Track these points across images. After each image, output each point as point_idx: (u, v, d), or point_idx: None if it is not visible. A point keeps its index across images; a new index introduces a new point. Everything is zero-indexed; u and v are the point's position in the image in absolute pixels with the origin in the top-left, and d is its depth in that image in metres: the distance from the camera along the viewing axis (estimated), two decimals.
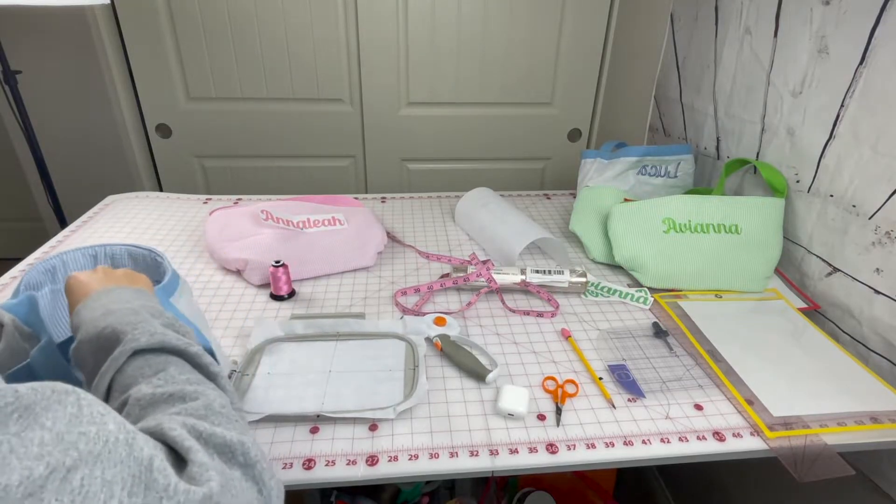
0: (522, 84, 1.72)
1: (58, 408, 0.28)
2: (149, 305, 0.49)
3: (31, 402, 0.27)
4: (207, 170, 1.77)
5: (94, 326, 0.45)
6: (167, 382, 0.40)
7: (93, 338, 0.44)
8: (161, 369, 0.42)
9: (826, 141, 0.88)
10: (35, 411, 0.27)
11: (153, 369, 0.41)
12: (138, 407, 0.38)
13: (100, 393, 0.41)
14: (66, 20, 1.50)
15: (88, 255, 0.68)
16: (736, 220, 0.97)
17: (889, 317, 0.77)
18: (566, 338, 0.83)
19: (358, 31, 1.58)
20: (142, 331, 0.43)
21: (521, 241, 1.02)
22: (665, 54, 1.37)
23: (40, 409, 0.28)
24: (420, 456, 0.62)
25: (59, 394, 0.29)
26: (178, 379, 0.41)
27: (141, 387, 0.40)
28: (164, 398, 0.39)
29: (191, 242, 1.09)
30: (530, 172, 1.90)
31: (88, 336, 0.44)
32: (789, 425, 0.67)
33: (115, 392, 0.41)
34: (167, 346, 0.44)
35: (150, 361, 0.42)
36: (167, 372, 0.41)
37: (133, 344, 0.42)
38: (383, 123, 1.73)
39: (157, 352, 0.43)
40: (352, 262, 1.00)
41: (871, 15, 0.78)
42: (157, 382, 0.40)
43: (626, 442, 0.65)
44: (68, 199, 1.60)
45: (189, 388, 0.40)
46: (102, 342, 0.44)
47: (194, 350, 0.44)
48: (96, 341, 0.44)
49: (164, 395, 0.39)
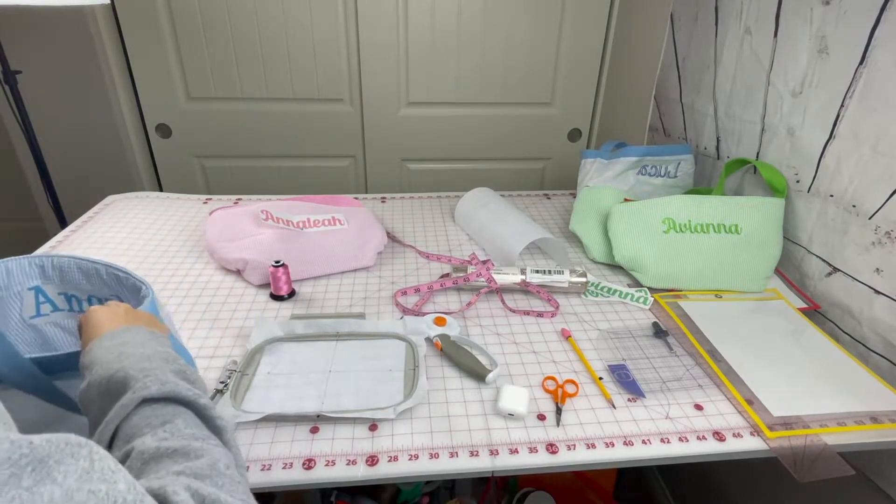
0: (522, 84, 1.72)
1: (70, 461, 0.28)
2: (162, 351, 0.48)
3: (46, 455, 0.27)
4: (207, 170, 1.77)
5: (106, 369, 0.45)
6: (173, 436, 0.40)
7: (103, 380, 0.44)
8: (168, 421, 0.41)
9: (826, 141, 0.88)
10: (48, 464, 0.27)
11: (160, 420, 0.41)
12: (141, 461, 0.38)
13: (104, 440, 0.41)
14: (66, 20, 1.50)
15: (35, 264, 0.66)
16: (736, 220, 0.97)
17: (889, 317, 0.77)
18: (566, 338, 0.83)
19: (358, 31, 1.58)
20: (153, 379, 0.43)
21: (521, 241, 1.01)
22: (665, 54, 1.37)
23: (53, 462, 0.27)
24: (420, 456, 0.62)
25: (73, 447, 0.29)
26: (184, 433, 0.40)
27: (146, 439, 0.39)
28: (168, 453, 0.38)
29: (191, 242, 1.09)
30: (530, 172, 1.90)
31: (99, 378, 0.44)
32: (789, 425, 0.67)
33: (118, 441, 0.41)
34: (177, 396, 0.43)
35: (158, 412, 0.42)
36: (174, 424, 0.41)
37: (143, 392, 0.42)
38: (383, 123, 1.73)
39: (166, 401, 0.43)
40: (352, 262, 1.00)
41: (871, 15, 0.78)
42: (163, 435, 0.40)
43: (626, 442, 0.65)
44: (68, 199, 1.60)
45: (195, 444, 0.40)
46: (112, 386, 0.44)
47: (203, 402, 0.44)
48: (106, 384, 0.44)
49: (169, 450, 0.38)
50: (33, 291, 0.67)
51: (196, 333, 0.82)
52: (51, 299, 0.67)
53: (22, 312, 0.66)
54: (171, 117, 1.67)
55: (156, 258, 1.02)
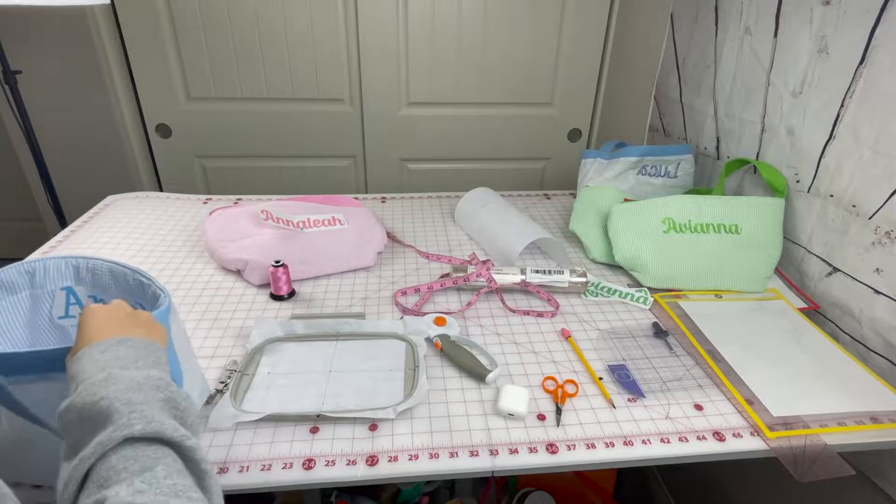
0: (522, 84, 1.72)
1: None
2: (155, 376, 0.45)
3: None
4: (207, 170, 1.77)
5: (91, 394, 0.41)
6: (151, 488, 0.37)
7: (86, 406, 0.41)
8: (148, 468, 0.38)
9: (826, 141, 0.88)
10: None
11: (140, 465, 0.38)
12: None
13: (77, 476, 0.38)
14: (66, 20, 1.50)
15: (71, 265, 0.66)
16: (736, 220, 0.97)
17: (889, 317, 0.77)
18: (566, 338, 0.83)
19: (358, 31, 1.58)
20: (138, 416, 0.40)
21: (521, 241, 1.02)
22: (665, 54, 1.37)
23: None
24: (420, 456, 0.62)
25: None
26: (163, 485, 0.38)
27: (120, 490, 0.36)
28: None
29: (191, 242, 1.09)
30: (530, 172, 1.89)
31: (82, 403, 0.41)
32: (789, 425, 0.67)
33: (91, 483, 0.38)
34: (162, 436, 0.40)
35: (140, 453, 0.39)
36: (153, 473, 0.38)
37: (125, 431, 0.39)
38: (383, 123, 1.73)
39: (150, 441, 0.40)
40: (352, 262, 1.00)
41: (871, 15, 0.78)
42: (140, 486, 0.37)
43: (626, 442, 0.65)
44: (68, 199, 1.60)
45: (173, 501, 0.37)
46: (94, 415, 0.40)
47: (190, 444, 0.41)
48: (88, 412, 0.41)
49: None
50: (65, 292, 0.67)
51: (196, 333, 0.82)
52: (80, 301, 0.67)
53: (52, 311, 0.66)
54: (171, 117, 1.67)
55: (156, 258, 1.02)
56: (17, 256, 0.99)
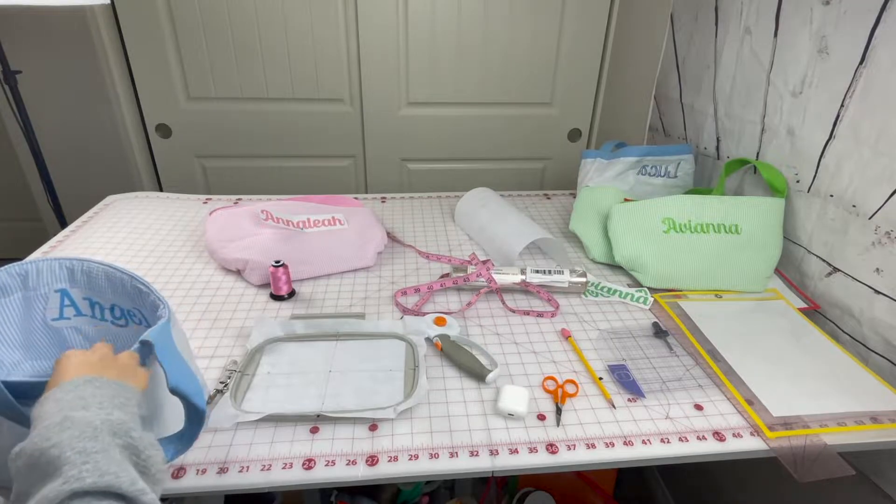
0: (522, 84, 1.72)
1: None
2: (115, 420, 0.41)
3: None
4: (207, 170, 1.77)
5: (44, 438, 0.38)
6: None
7: (35, 452, 0.37)
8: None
9: (826, 141, 0.88)
10: None
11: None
12: None
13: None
14: (66, 20, 1.50)
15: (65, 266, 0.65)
16: (736, 220, 0.97)
17: (889, 317, 0.77)
18: (566, 338, 0.83)
19: (358, 31, 1.58)
20: (91, 468, 0.37)
21: (521, 241, 1.02)
22: (665, 54, 1.37)
23: None
24: (420, 456, 0.62)
25: None
26: None
27: None
28: None
29: (191, 242, 1.09)
30: (530, 172, 1.89)
31: (32, 448, 0.38)
32: (789, 425, 0.67)
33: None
34: (114, 490, 0.37)
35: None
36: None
37: (75, 485, 0.35)
38: (383, 123, 1.73)
39: (102, 496, 0.36)
40: (352, 262, 1.00)
41: (871, 15, 0.78)
42: None
43: (626, 442, 0.65)
44: (68, 199, 1.60)
45: None
46: (43, 464, 0.37)
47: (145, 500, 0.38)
48: (37, 458, 0.37)
49: None
50: (59, 294, 0.66)
51: (196, 333, 0.82)
52: (76, 303, 0.67)
53: (45, 313, 0.66)
54: (171, 117, 1.67)
55: (156, 258, 1.02)
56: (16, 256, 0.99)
